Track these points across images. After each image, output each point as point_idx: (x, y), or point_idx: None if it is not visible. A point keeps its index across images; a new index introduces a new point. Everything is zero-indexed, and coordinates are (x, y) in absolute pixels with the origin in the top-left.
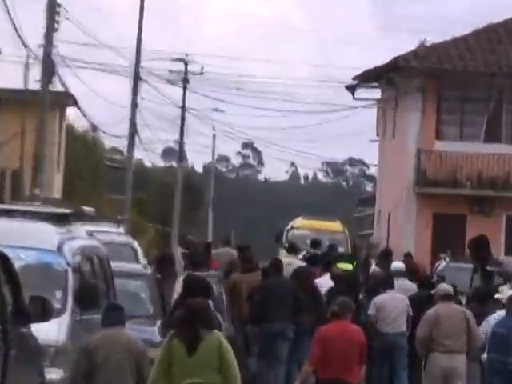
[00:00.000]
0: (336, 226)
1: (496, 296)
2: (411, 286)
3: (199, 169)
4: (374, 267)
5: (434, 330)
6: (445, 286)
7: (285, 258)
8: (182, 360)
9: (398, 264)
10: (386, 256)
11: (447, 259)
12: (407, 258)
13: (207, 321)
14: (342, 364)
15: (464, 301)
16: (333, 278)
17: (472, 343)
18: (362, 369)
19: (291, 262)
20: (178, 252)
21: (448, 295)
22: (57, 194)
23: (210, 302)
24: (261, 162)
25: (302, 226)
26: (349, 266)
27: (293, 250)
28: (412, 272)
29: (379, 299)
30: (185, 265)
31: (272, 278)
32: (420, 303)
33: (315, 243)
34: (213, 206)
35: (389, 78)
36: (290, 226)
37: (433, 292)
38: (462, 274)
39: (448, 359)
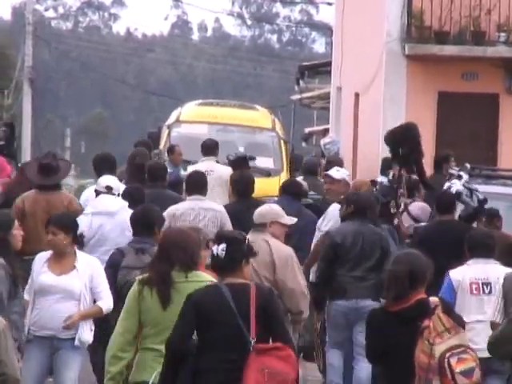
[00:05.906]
0: (259, 116)
1: None
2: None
3: (6, 15)
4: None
5: None
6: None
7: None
8: (155, 315)
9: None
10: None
11: (463, 176)
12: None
13: (187, 255)
14: None
15: None
16: None
17: None
18: None
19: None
20: None
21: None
22: None
23: None
24: (119, 1)
25: (195, 118)
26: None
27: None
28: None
29: None
30: None
31: None
32: None
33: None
34: (30, 82)
35: None
36: (173, 120)
37: None
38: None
39: None
